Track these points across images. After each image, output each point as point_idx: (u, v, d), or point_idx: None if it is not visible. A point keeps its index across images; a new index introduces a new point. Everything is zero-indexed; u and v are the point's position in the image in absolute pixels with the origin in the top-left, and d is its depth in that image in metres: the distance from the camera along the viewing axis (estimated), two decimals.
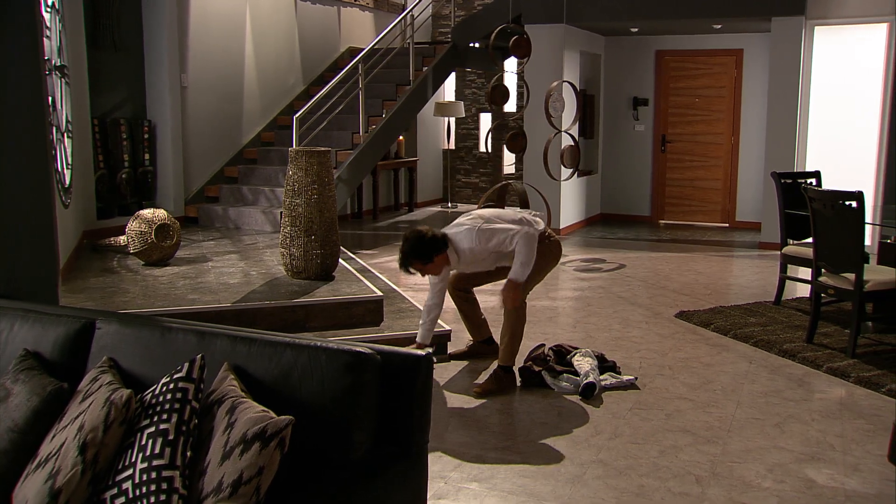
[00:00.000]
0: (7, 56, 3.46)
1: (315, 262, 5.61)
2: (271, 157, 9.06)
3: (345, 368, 2.21)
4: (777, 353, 5.21)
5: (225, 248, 7.08)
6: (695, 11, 9.12)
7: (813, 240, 5.32)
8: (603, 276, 7.61)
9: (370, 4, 11.48)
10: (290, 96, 10.00)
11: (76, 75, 6.74)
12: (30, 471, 2.21)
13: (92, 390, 2.29)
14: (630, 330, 5.81)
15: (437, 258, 4.39)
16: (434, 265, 4.40)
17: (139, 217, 6.13)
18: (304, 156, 5.54)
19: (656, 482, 3.45)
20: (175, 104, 8.21)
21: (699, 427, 4.05)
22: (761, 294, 6.84)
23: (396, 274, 7.54)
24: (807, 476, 3.52)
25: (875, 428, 4.04)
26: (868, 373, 4.75)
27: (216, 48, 8.77)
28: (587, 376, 4.50)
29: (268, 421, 2.05)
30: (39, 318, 2.68)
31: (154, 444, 2.08)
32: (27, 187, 3.60)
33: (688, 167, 10.93)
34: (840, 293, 5.18)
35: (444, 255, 4.41)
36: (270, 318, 5.01)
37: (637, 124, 11.09)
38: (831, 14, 8.83)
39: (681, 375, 4.83)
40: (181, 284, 5.52)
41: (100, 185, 7.61)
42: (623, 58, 11.04)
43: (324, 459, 2.21)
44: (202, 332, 2.45)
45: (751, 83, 10.38)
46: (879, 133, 8.78)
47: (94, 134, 7.48)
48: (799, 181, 6.40)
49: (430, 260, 4.38)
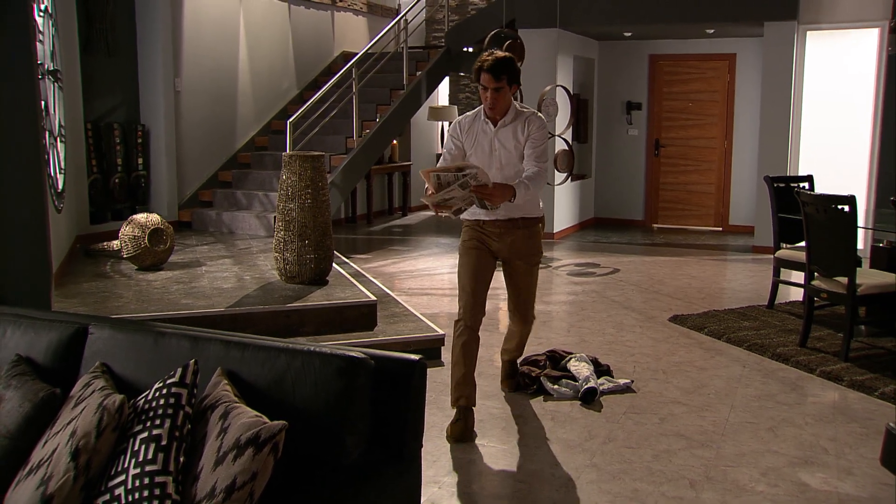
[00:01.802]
0: (0, 61, 3.46)
1: (309, 266, 5.60)
2: (265, 162, 9.06)
3: (338, 373, 2.21)
4: (770, 357, 5.22)
5: (218, 252, 7.06)
6: (688, 16, 9.15)
7: (806, 244, 5.34)
8: (597, 281, 7.62)
9: (364, 9, 11.49)
10: (284, 101, 10.00)
11: (69, 79, 6.72)
12: (21, 477, 2.20)
13: (84, 396, 2.28)
14: (624, 334, 5.81)
15: (514, 88, 4.01)
16: (507, 94, 3.96)
17: (132, 222, 6.12)
18: (298, 160, 5.54)
19: (650, 486, 3.46)
20: (169, 108, 8.20)
21: (693, 431, 4.06)
22: (755, 298, 6.86)
23: (390, 279, 7.54)
24: (800, 480, 3.52)
25: (868, 431, 4.04)
26: (861, 376, 4.76)
27: (210, 53, 8.77)
28: (587, 381, 4.50)
29: (261, 426, 2.05)
30: (32, 323, 2.67)
31: (147, 449, 2.08)
32: (20, 192, 3.60)
33: (681, 171, 10.95)
34: (833, 297, 5.19)
35: (515, 91, 4.05)
36: (264, 323, 5.00)
37: (630, 128, 11.11)
38: (823, 19, 8.87)
39: (674, 379, 4.83)
40: (174, 289, 5.51)
41: (93, 190, 7.59)
42: (616, 62, 11.07)
43: (317, 464, 2.20)
44: (195, 336, 2.44)
45: (744, 88, 10.41)
46: (871, 137, 8.81)
47: (87, 138, 7.47)
48: (792, 185, 6.42)
49: (516, 81, 3.99)
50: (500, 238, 4.05)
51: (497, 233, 4.05)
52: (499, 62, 3.87)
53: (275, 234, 5.69)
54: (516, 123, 3.99)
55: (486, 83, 3.90)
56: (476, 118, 4.07)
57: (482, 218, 4.03)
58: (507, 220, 4.02)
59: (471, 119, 4.09)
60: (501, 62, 3.88)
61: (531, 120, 3.97)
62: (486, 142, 4.02)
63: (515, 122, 3.99)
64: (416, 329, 5.34)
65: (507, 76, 3.90)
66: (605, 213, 11.33)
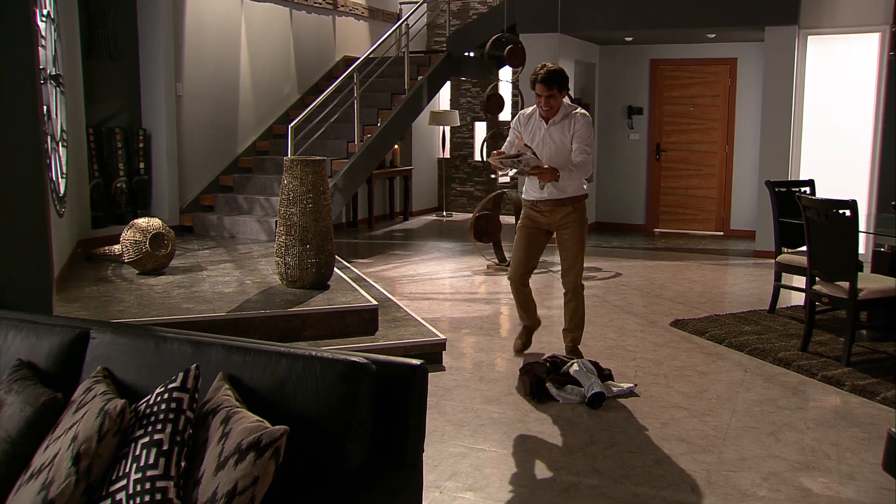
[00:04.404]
0: (2, 65, 3.46)
1: (310, 271, 5.61)
2: (266, 167, 9.07)
3: (339, 378, 2.21)
4: (772, 362, 5.22)
5: (220, 257, 7.07)
6: (689, 21, 9.16)
7: (807, 248, 5.34)
8: (598, 285, 7.62)
9: (365, 14, 11.51)
10: (286, 105, 10.01)
11: (71, 84, 6.73)
12: (23, 482, 2.20)
13: (86, 400, 2.28)
14: (625, 339, 5.81)
15: (564, 93, 4.90)
16: (559, 99, 4.88)
17: (134, 226, 6.12)
18: (300, 165, 5.55)
19: (652, 491, 3.45)
20: (170, 113, 8.21)
21: (694, 436, 4.05)
22: (756, 302, 6.85)
23: (392, 283, 7.54)
24: (802, 485, 3.52)
25: (870, 436, 4.04)
26: (863, 381, 4.76)
27: (211, 57, 8.78)
28: (594, 386, 4.49)
29: (262, 431, 2.05)
30: (33, 327, 2.67)
31: (148, 454, 2.08)
32: (22, 196, 3.60)
33: (682, 176, 10.95)
34: (834, 302, 5.19)
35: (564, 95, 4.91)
36: (265, 328, 5.00)
37: (632, 133, 11.12)
38: (824, 23, 8.88)
39: (676, 384, 4.83)
40: (176, 294, 5.51)
41: (95, 195, 7.60)
42: (617, 67, 11.08)
43: (319, 469, 2.20)
44: (197, 341, 2.44)
45: (745, 92, 10.42)
46: (873, 141, 8.82)
47: (89, 143, 7.48)
48: (793, 190, 6.42)
49: (565, 87, 4.89)
50: (549, 214, 5.03)
51: (547, 210, 5.02)
52: (550, 74, 4.80)
53: (276, 239, 5.69)
54: (564, 122, 4.91)
55: (540, 92, 4.85)
56: (533, 115, 5.03)
57: (536, 198, 5.02)
58: (555, 200, 4.98)
59: (528, 115, 5.06)
60: (553, 74, 4.81)
61: (577, 118, 4.91)
62: (538, 136, 4.97)
63: (564, 120, 4.91)
64: (417, 334, 5.33)
65: (558, 85, 4.83)
66: (606, 217, 11.34)
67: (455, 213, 12.68)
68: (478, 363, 5.26)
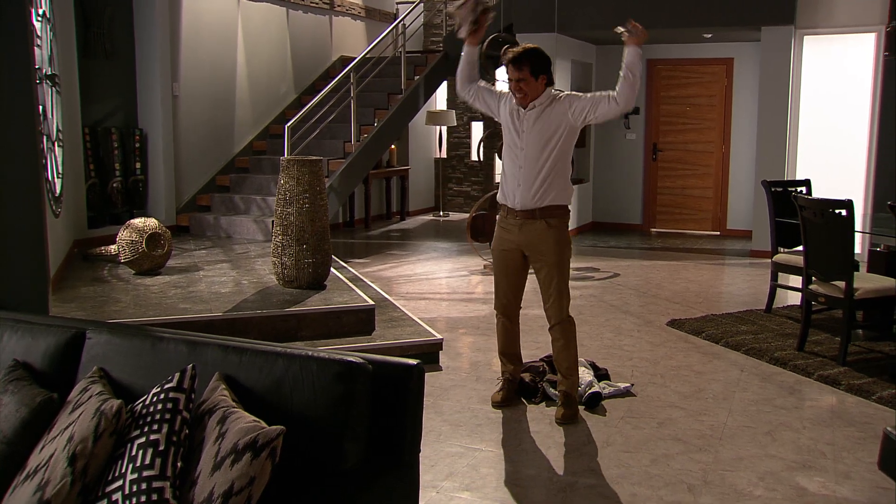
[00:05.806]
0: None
1: (307, 271, 5.60)
2: (263, 166, 9.06)
3: (336, 378, 2.21)
4: (768, 361, 5.23)
5: (216, 257, 7.06)
6: (685, 21, 9.16)
7: (803, 248, 5.34)
8: (594, 285, 7.62)
9: (362, 13, 11.50)
10: (282, 105, 10.00)
11: (67, 84, 6.72)
12: (18, 482, 2.20)
13: (82, 401, 2.27)
14: (622, 338, 5.81)
15: (542, 79, 4.10)
16: (533, 84, 4.07)
17: (130, 226, 6.11)
18: (296, 165, 5.54)
19: (648, 491, 3.46)
20: (166, 113, 8.20)
21: (691, 435, 4.06)
22: (752, 302, 6.86)
23: (388, 283, 7.54)
24: (798, 484, 3.52)
25: (866, 436, 4.05)
26: (859, 381, 4.76)
27: (208, 57, 8.77)
28: (591, 385, 4.49)
29: (259, 431, 2.04)
30: (29, 328, 2.66)
31: (144, 454, 2.07)
32: (18, 196, 3.59)
33: (679, 175, 10.96)
34: (830, 301, 5.20)
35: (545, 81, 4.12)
36: (262, 328, 5.00)
37: (628, 133, 11.12)
38: (820, 23, 8.90)
39: (672, 384, 4.83)
40: (172, 294, 5.51)
41: (91, 194, 7.58)
42: (614, 66, 10.94)
43: (315, 469, 2.20)
44: (193, 341, 2.44)
45: (741, 92, 10.43)
46: (869, 141, 8.83)
47: (85, 143, 7.46)
48: (789, 189, 6.43)
49: (542, 72, 4.09)
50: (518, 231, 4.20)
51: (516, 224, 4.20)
52: (520, 54, 4.06)
53: (273, 239, 5.69)
54: (555, 105, 4.12)
55: (510, 75, 4.08)
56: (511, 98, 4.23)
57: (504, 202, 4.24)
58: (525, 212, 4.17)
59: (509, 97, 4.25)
60: (523, 53, 4.06)
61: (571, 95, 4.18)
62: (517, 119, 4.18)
63: (553, 105, 4.12)
64: (414, 334, 5.33)
65: (530, 66, 4.04)
66: (603, 217, 11.34)
67: (452, 213, 12.68)
68: (474, 363, 5.26)
